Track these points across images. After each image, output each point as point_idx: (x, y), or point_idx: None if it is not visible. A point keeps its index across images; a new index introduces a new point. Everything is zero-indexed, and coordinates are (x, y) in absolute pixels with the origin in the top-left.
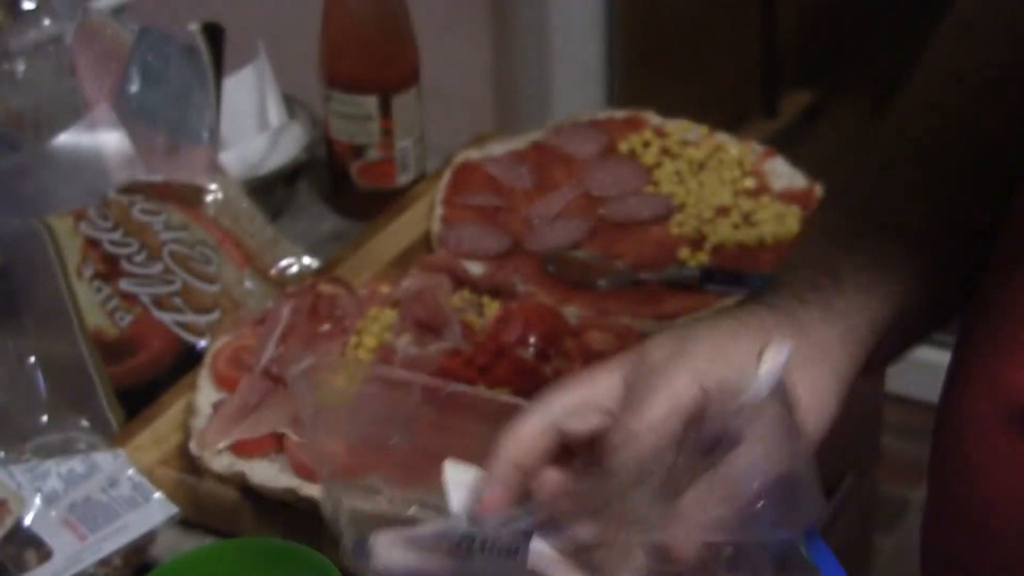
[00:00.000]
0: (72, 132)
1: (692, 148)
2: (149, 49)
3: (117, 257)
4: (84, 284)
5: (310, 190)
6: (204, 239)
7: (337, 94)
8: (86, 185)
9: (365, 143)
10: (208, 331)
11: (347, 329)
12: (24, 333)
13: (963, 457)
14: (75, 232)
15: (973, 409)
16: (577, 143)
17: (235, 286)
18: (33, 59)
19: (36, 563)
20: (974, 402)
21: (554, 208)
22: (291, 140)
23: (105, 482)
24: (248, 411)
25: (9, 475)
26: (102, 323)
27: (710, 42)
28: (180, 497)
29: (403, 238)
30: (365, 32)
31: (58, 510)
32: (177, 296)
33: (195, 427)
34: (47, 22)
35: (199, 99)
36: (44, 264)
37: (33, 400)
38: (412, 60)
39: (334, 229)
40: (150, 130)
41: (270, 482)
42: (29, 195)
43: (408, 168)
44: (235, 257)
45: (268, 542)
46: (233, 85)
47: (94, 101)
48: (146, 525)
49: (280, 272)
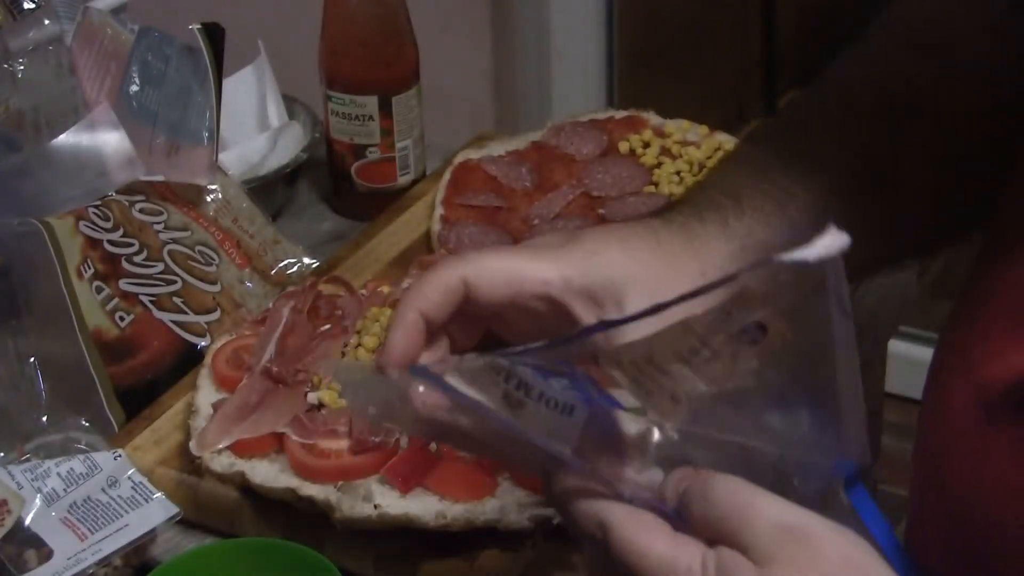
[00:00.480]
0: (72, 132)
1: (692, 148)
2: (149, 49)
3: (117, 257)
4: (84, 284)
5: (310, 190)
6: (204, 239)
7: (337, 94)
8: (86, 185)
9: (365, 143)
10: (208, 331)
11: (347, 329)
12: (24, 333)
13: (940, 447)
14: (75, 232)
15: (949, 399)
16: (577, 143)
17: (235, 286)
18: (33, 59)
19: (36, 563)
20: (950, 392)
21: (554, 208)
22: (291, 140)
23: (105, 482)
24: (248, 411)
25: (9, 475)
26: (102, 323)
27: (710, 42)
28: (180, 497)
29: (403, 238)
30: (365, 32)
31: (58, 510)
32: (177, 296)
33: (195, 427)
34: (47, 22)
35: (199, 99)
36: (44, 264)
37: (33, 400)
38: (412, 60)
39: (334, 229)
40: (150, 130)
41: (270, 482)
42: (29, 195)
43: (408, 168)
44: (235, 257)
45: (268, 542)
46: (233, 85)
47: (94, 101)
48: (146, 525)
49: (280, 272)
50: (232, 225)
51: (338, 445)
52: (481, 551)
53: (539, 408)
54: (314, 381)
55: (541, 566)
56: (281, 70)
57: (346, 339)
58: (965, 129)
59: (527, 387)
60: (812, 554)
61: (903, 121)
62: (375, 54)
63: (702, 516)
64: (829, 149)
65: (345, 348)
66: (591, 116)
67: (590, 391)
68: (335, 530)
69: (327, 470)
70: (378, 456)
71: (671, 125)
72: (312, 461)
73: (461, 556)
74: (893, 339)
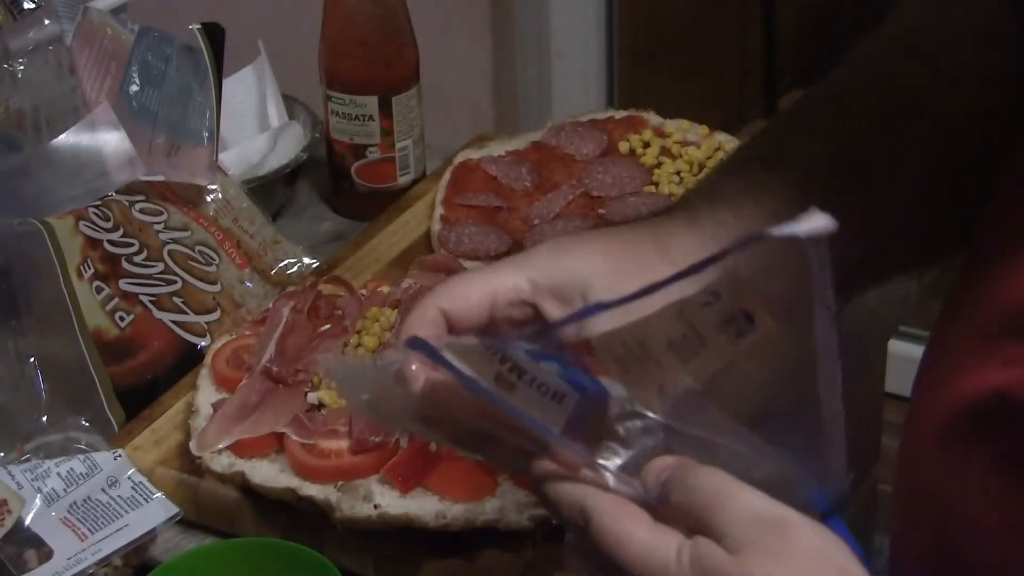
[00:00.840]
0: (72, 132)
1: (692, 148)
2: (149, 49)
3: (117, 257)
4: (84, 284)
5: (310, 190)
6: (204, 239)
7: (337, 94)
8: (86, 185)
9: (365, 143)
10: (208, 331)
11: (347, 329)
12: (24, 333)
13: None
14: (75, 232)
15: (927, 408)
16: (577, 143)
17: (235, 286)
18: (33, 59)
19: (36, 563)
20: (929, 402)
21: (554, 208)
22: (291, 140)
23: (105, 482)
24: (248, 411)
25: (9, 475)
26: (102, 323)
27: (710, 42)
28: (180, 497)
29: (403, 238)
30: (365, 32)
31: (58, 510)
32: (177, 296)
33: (195, 427)
34: (47, 22)
35: (199, 99)
36: (44, 264)
37: (33, 400)
38: (412, 60)
39: (334, 229)
40: (150, 130)
41: (270, 482)
42: (29, 195)
43: (408, 168)
44: (235, 257)
45: (268, 542)
46: (233, 85)
47: (94, 101)
48: (146, 525)
49: (280, 272)
50: (232, 225)
51: (338, 445)
52: (481, 551)
53: (530, 392)
54: (314, 381)
55: (541, 566)
56: (281, 70)
57: (346, 339)
58: (956, 133)
59: (520, 370)
60: (785, 544)
61: (893, 122)
62: (375, 54)
63: (681, 505)
64: (813, 148)
65: (345, 348)
66: (591, 116)
67: (580, 377)
68: (335, 530)
69: (327, 470)
70: (378, 456)
71: (671, 125)
72: (312, 461)
73: (461, 556)
74: (893, 339)
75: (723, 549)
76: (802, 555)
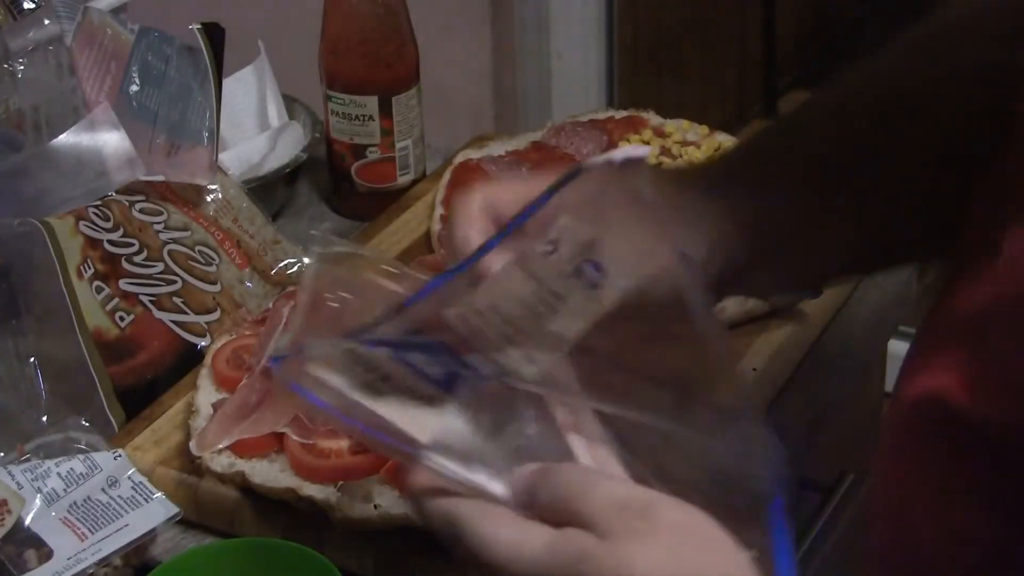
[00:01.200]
0: (72, 132)
1: (692, 148)
2: (149, 49)
3: (117, 257)
4: (84, 284)
5: (310, 190)
6: (204, 239)
7: (337, 94)
8: (86, 185)
9: (365, 143)
10: (208, 331)
11: None
12: (24, 333)
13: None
14: (75, 232)
15: (890, 409)
16: (577, 143)
17: (235, 286)
18: (33, 59)
19: (36, 563)
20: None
21: None
22: (291, 140)
23: (105, 482)
24: (248, 411)
25: (9, 475)
26: (102, 323)
27: (710, 42)
28: (180, 497)
29: (403, 238)
30: (365, 32)
31: (58, 510)
32: (177, 296)
33: (195, 427)
34: (47, 22)
35: (199, 99)
36: (44, 264)
37: (33, 400)
38: (412, 60)
39: (334, 229)
40: (150, 130)
41: (270, 482)
42: (29, 195)
43: (408, 168)
44: (235, 257)
45: (268, 542)
46: (233, 85)
47: (94, 101)
48: (146, 525)
49: (280, 272)
50: (232, 225)
51: (338, 445)
52: None
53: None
54: None
55: None
56: (281, 70)
57: None
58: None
59: (385, 375)
60: (651, 524)
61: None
62: (375, 54)
63: (547, 502)
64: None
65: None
66: (591, 116)
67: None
68: (335, 530)
69: (327, 470)
70: (378, 456)
71: (671, 125)
72: (312, 461)
73: None
74: (893, 339)
75: (595, 536)
76: (665, 531)
